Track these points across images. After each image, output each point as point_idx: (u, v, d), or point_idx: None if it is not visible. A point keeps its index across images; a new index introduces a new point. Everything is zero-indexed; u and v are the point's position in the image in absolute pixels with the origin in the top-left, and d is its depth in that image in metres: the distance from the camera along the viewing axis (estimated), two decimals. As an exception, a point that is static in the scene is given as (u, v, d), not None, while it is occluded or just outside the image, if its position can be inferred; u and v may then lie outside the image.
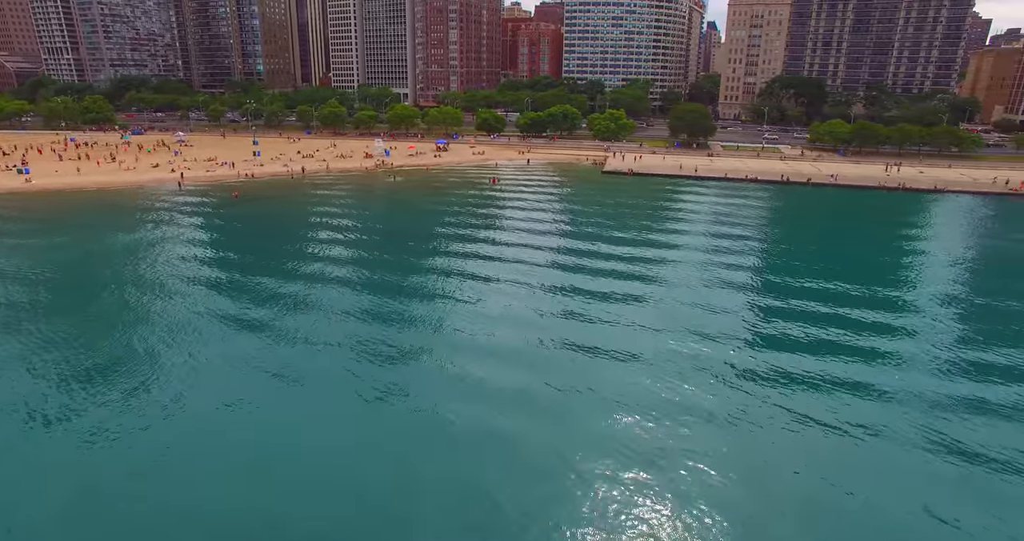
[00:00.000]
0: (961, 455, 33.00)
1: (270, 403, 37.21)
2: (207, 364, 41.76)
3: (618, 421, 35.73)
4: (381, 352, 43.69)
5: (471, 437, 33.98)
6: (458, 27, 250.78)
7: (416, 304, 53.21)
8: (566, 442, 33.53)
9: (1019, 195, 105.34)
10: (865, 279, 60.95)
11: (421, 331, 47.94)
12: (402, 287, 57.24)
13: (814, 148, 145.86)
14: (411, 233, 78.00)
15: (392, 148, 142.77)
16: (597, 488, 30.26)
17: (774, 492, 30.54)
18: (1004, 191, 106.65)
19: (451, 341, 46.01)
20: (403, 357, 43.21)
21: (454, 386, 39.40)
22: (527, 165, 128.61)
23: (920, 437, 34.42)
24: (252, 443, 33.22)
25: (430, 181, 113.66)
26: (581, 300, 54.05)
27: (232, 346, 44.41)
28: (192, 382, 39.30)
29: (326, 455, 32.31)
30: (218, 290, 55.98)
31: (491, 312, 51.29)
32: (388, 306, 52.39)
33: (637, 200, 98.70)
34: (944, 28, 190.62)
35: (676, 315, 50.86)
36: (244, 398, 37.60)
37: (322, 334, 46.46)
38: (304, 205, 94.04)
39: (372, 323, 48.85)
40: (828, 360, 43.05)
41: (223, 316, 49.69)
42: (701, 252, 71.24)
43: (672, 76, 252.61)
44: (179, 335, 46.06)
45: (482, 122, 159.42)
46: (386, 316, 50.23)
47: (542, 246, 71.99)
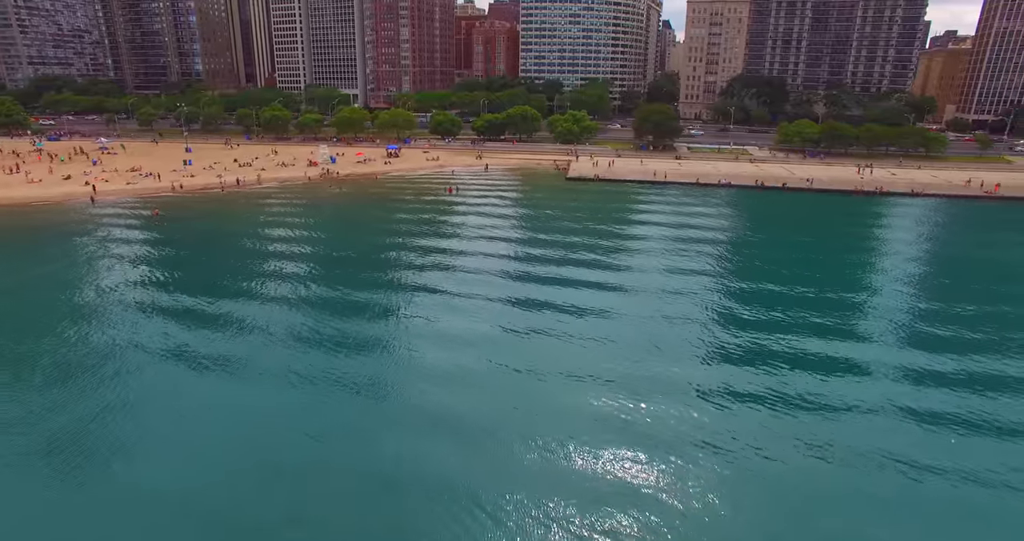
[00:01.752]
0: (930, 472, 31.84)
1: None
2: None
3: (573, 443, 34.00)
4: (324, 390, 39.35)
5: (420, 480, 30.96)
6: (409, 25, 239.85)
7: (362, 328, 48.70)
8: (514, 470, 31.99)
9: (994, 198, 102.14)
10: (850, 289, 58.45)
11: (369, 357, 43.89)
12: (344, 312, 51.46)
13: (782, 149, 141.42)
14: (355, 253, 68.42)
15: (339, 155, 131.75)
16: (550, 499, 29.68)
17: (737, 505, 29.69)
18: (979, 194, 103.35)
19: (403, 366, 42.90)
20: (353, 388, 39.70)
21: (409, 415, 36.77)
22: (485, 171, 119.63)
23: (882, 453, 33.16)
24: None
25: (379, 191, 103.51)
26: (547, 319, 50.30)
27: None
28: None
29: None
30: (116, 338, 45.39)
31: (445, 334, 47.49)
32: (326, 335, 47.14)
33: (605, 209, 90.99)
34: (900, 27, 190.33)
35: (651, 337, 47.40)
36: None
37: (252, 369, 41.20)
38: (235, 223, 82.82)
39: (309, 356, 43.69)
40: (799, 378, 41.16)
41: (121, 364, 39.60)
42: (676, 266, 64.80)
43: (631, 75, 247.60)
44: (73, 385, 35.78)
45: (437, 125, 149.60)
46: (325, 344, 45.53)
47: (502, 264, 64.62)
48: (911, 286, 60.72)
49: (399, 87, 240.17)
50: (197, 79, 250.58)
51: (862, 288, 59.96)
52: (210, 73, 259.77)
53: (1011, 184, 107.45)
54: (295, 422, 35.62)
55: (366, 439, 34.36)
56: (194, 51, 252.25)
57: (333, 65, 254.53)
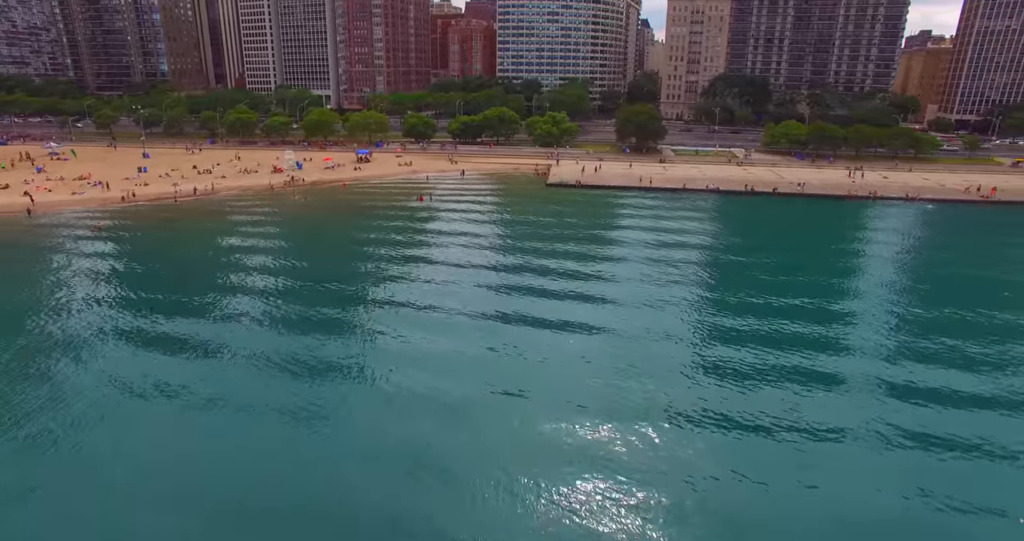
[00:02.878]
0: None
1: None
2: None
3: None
4: (283, 424, 36.09)
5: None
6: (383, 24, 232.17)
7: (323, 350, 44.88)
8: (498, 490, 30.80)
9: (991, 202, 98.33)
10: (845, 304, 55.17)
11: (334, 381, 40.84)
12: (302, 334, 47.45)
13: (769, 151, 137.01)
14: (314, 269, 61.83)
15: (306, 160, 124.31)
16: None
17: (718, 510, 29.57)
18: (975, 198, 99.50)
19: (370, 390, 40.10)
20: (317, 418, 36.65)
21: (381, 450, 33.98)
22: (461, 177, 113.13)
23: (869, 474, 32.02)
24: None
25: (346, 200, 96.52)
26: (523, 336, 46.98)
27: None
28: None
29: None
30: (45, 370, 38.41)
31: (414, 354, 44.28)
32: (282, 359, 43.40)
33: (587, 219, 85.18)
34: (883, 26, 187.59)
35: (636, 354, 44.05)
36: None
37: (200, 398, 37.93)
38: (185, 237, 75.36)
39: (267, 384, 40.37)
40: (784, 397, 39.00)
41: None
42: (663, 280, 59.87)
43: (611, 74, 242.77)
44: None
45: (410, 128, 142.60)
46: (284, 369, 42.17)
47: (474, 280, 59.46)
48: (909, 300, 56.39)
49: (373, 88, 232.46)
50: (163, 80, 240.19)
51: (857, 303, 55.36)
52: (177, 73, 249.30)
53: (1007, 188, 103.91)
54: (254, 458, 32.91)
55: (333, 475, 31.70)
56: (158, 50, 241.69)
57: (305, 65, 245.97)
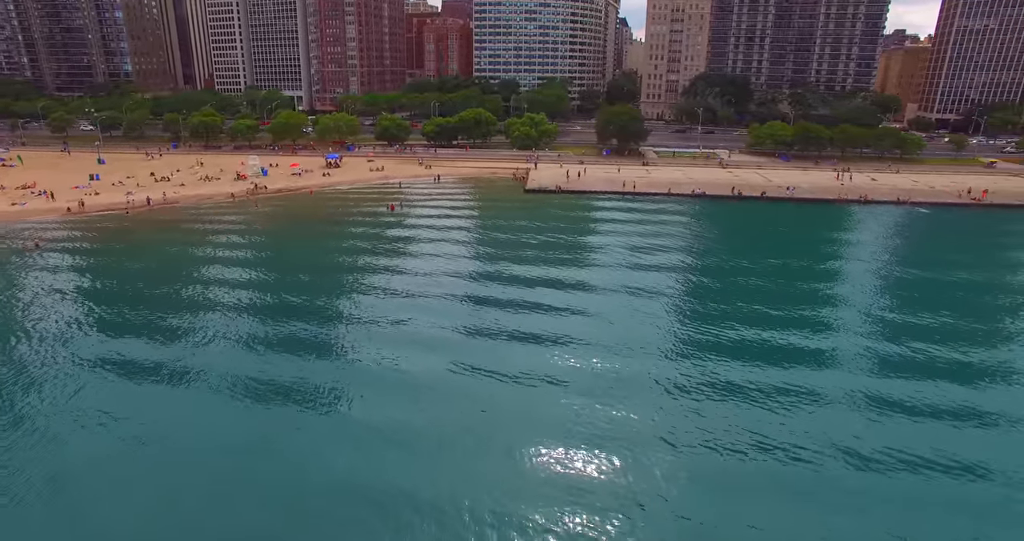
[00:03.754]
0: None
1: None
2: None
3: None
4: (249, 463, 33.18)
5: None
6: (356, 22, 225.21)
7: (285, 376, 41.65)
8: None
9: (983, 205, 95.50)
10: (845, 318, 51.81)
11: (297, 407, 38.18)
12: (261, 361, 43.97)
13: (753, 152, 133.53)
14: (272, 289, 56.17)
15: (273, 165, 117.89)
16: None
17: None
18: (967, 201, 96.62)
19: (331, 420, 37.32)
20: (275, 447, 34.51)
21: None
22: (435, 183, 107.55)
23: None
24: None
25: (311, 210, 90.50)
26: (497, 361, 43.40)
27: None
28: None
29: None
30: None
31: (380, 377, 41.76)
32: (240, 386, 40.32)
33: (569, 229, 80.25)
34: (863, 25, 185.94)
35: (617, 386, 40.76)
36: None
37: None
38: (132, 254, 68.73)
39: (223, 417, 37.46)
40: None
41: None
42: (652, 295, 55.58)
43: (590, 74, 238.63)
44: None
45: (383, 131, 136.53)
46: (243, 396, 39.28)
47: (448, 298, 54.87)
48: (906, 310, 53.77)
49: (346, 88, 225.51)
50: (127, 80, 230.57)
51: (853, 315, 52.25)
52: (142, 74, 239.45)
53: (996, 189, 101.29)
54: (206, 494, 30.88)
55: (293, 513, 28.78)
56: (121, 49, 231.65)
57: (276, 65, 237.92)
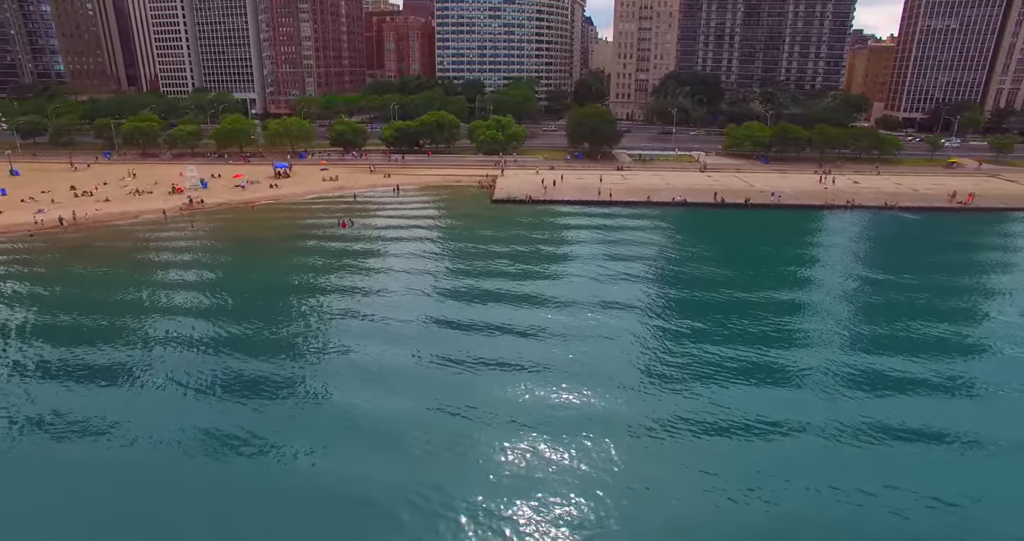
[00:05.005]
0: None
1: None
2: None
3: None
4: None
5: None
6: (311, 20, 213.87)
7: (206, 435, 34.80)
8: None
9: (969, 209, 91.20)
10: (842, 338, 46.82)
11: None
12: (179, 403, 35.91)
13: (730, 154, 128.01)
14: (191, 327, 46.67)
15: (215, 176, 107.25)
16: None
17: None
18: (952, 205, 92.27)
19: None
20: None
21: None
22: (394, 194, 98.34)
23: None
24: None
25: (252, 228, 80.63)
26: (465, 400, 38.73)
27: None
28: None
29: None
30: None
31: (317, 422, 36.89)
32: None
33: (541, 245, 72.33)
34: (831, 23, 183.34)
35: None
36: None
37: None
38: (32, 287, 58.35)
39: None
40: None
41: None
42: (645, 322, 48.63)
43: (558, 73, 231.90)
44: None
45: (338, 136, 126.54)
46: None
47: (405, 332, 47.36)
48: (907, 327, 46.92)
49: (302, 90, 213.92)
50: (59, 81, 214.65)
51: (851, 336, 47.04)
52: (76, 74, 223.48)
53: (980, 192, 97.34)
54: None
55: None
56: (51, 47, 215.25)
57: (226, 66, 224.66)
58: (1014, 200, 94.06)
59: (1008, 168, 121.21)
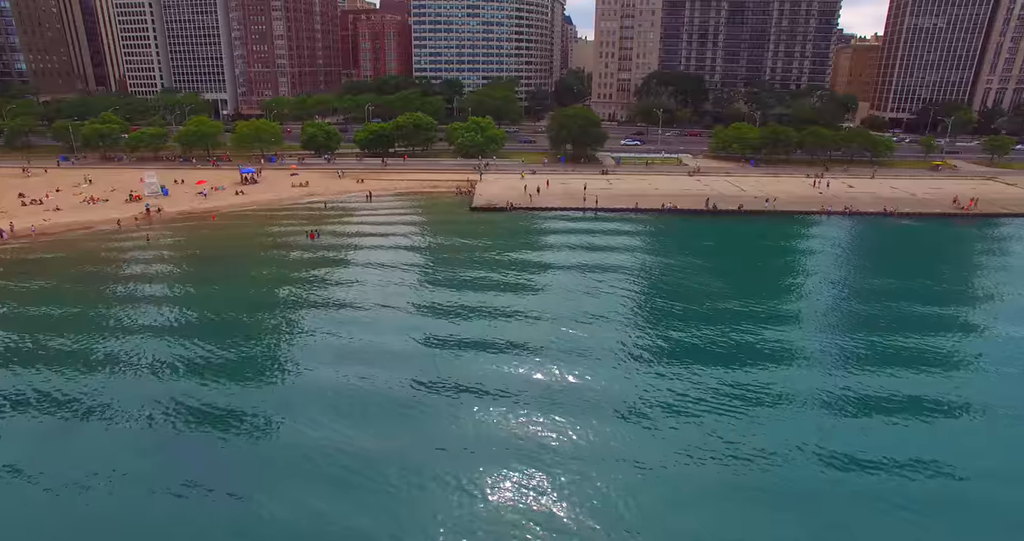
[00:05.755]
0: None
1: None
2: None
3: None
4: None
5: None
6: (284, 18, 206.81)
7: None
8: None
9: (971, 216, 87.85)
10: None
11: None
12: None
13: (719, 157, 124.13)
14: (129, 357, 40.96)
15: (177, 182, 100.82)
16: None
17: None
18: (954, 211, 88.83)
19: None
20: None
21: None
22: (366, 201, 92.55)
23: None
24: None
25: (212, 239, 74.42)
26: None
27: None
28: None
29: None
30: None
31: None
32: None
33: (525, 257, 67.34)
34: (816, 21, 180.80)
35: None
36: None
37: None
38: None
39: None
40: None
41: None
42: (643, 350, 42.92)
43: (538, 73, 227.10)
44: None
45: (309, 139, 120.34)
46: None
47: (374, 361, 41.93)
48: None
49: (276, 91, 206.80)
50: (21, 81, 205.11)
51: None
52: (40, 73, 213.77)
53: (980, 197, 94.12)
54: None
55: None
56: (11, 45, 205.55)
57: (196, 65, 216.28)
58: (1016, 205, 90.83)
59: (1002, 170, 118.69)
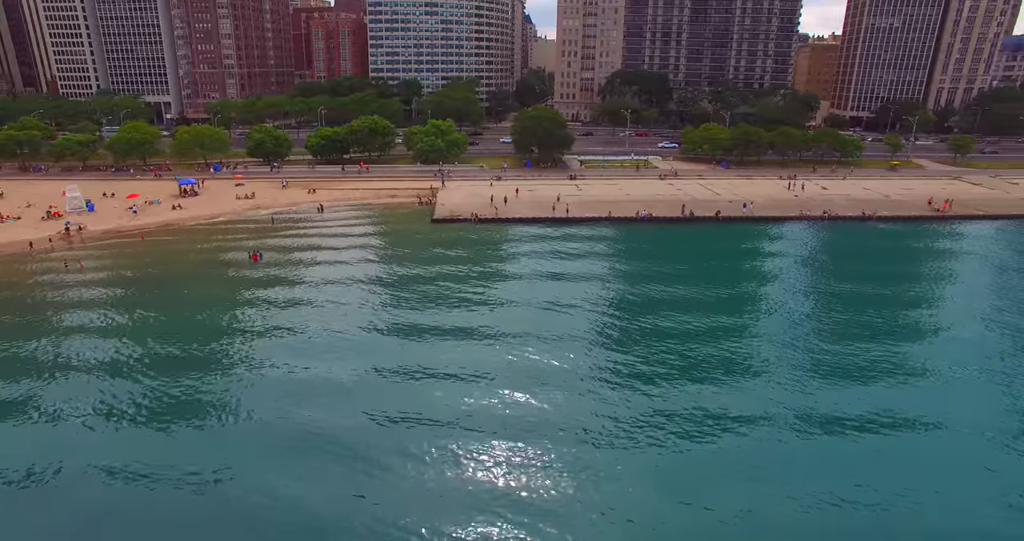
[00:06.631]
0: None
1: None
2: None
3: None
4: None
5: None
6: (231, 16, 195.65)
7: None
8: None
9: (947, 218, 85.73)
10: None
11: None
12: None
13: (688, 158, 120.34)
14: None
15: (107, 196, 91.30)
16: None
17: None
18: (929, 214, 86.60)
19: None
20: None
21: None
22: (319, 213, 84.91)
23: None
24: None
25: (140, 263, 65.61)
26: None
27: None
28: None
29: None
30: None
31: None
32: None
33: (492, 275, 61.39)
34: (778, 20, 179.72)
35: None
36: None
37: None
38: None
39: None
40: None
41: None
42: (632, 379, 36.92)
43: (499, 73, 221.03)
44: None
45: (256, 145, 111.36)
46: None
47: (325, 401, 36.55)
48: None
49: (224, 93, 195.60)
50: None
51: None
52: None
53: (953, 197, 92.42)
54: None
55: None
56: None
57: (135, 66, 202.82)
58: (988, 206, 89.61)
59: (966, 170, 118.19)
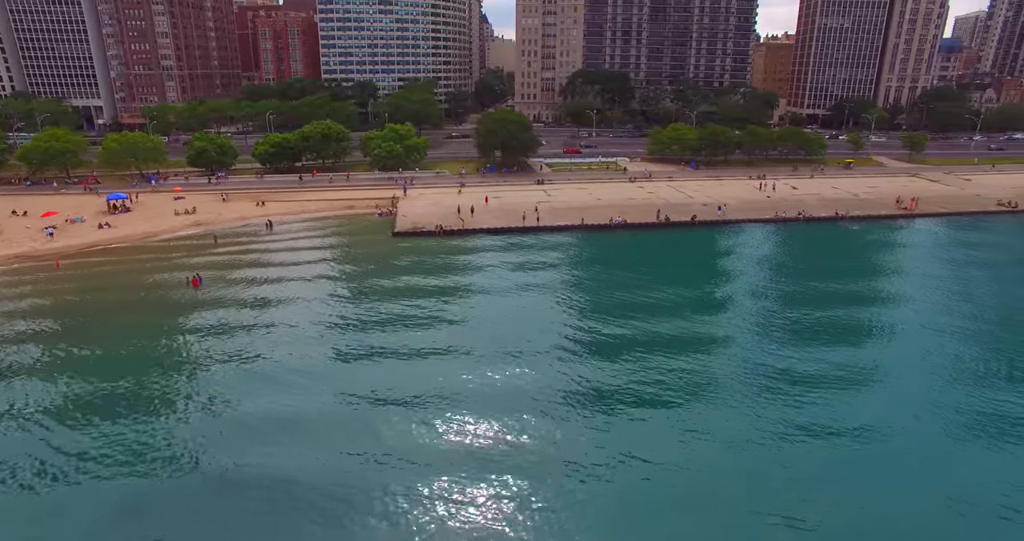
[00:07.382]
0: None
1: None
2: None
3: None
4: None
5: None
6: (167, 13, 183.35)
7: None
8: None
9: (914, 216, 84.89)
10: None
11: None
12: None
13: (656, 159, 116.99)
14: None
15: (17, 214, 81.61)
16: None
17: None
18: (899, 213, 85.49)
19: None
20: None
21: None
22: (268, 230, 77.29)
23: None
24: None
25: (55, 295, 57.37)
26: None
27: None
28: None
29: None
30: None
31: None
32: None
33: (460, 293, 55.83)
34: (736, 19, 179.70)
35: None
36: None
37: None
38: None
39: None
40: None
41: None
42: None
43: (457, 73, 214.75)
44: None
45: (197, 154, 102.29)
46: None
47: (275, 441, 31.51)
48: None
49: (163, 96, 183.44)
50: None
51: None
52: None
53: (916, 195, 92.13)
54: None
55: None
56: None
57: (58, 67, 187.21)
58: (949, 203, 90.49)
59: (921, 166, 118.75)
